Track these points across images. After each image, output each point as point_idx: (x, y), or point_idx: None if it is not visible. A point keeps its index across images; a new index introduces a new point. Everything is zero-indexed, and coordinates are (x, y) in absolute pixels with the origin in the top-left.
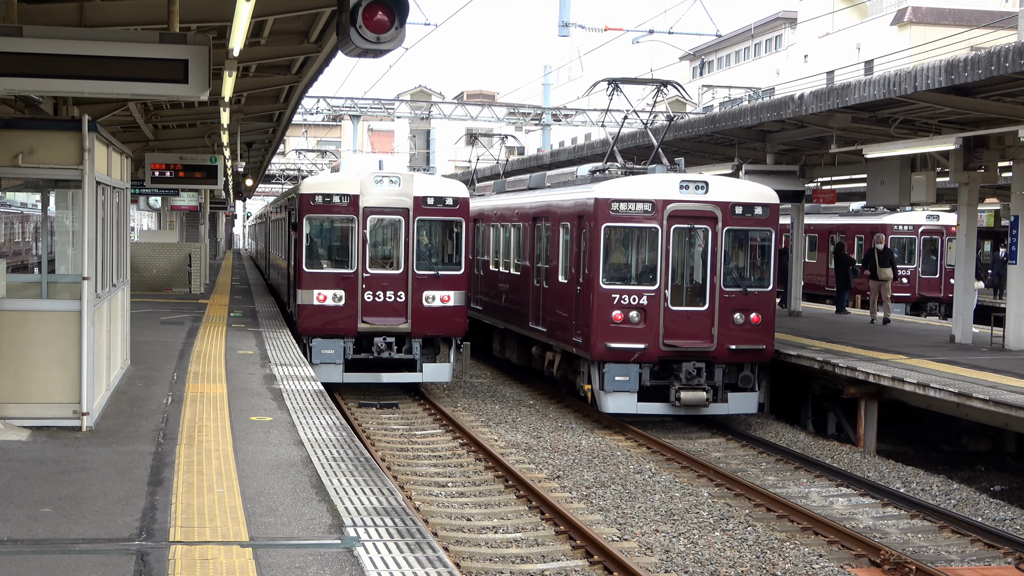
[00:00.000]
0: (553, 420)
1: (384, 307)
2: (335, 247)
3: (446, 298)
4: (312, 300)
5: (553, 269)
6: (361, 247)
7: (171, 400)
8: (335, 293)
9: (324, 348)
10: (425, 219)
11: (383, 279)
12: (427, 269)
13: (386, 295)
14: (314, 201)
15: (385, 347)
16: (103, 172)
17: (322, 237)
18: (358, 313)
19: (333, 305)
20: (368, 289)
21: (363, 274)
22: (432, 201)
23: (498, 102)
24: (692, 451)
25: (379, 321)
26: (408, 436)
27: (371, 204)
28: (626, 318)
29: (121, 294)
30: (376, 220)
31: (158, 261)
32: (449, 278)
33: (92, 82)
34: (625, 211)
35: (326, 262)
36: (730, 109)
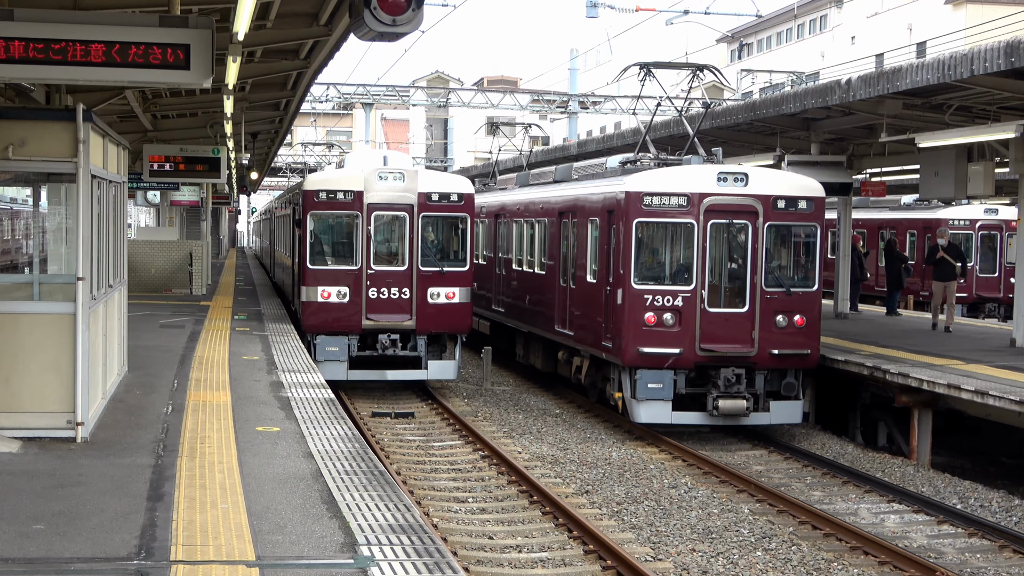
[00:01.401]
0: (581, 431)
1: (389, 304)
2: (339, 244)
3: (451, 295)
4: (316, 297)
5: (581, 268)
6: (365, 243)
7: (171, 409)
8: (339, 290)
9: (328, 345)
10: (430, 215)
11: (387, 276)
12: (432, 266)
13: (391, 292)
14: (318, 197)
15: (390, 344)
16: (98, 165)
17: (326, 233)
18: (362, 310)
19: (337, 302)
20: (372, 286)
21: (367, 271)
22: (437, 197)
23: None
24: (731, 464)
25: (383, 318)
26: (425, 448)
27: (375, 200)
28: (659, 320)
29: (118, 295)
30: (380, 216)
31: (157, 260)
32: (454, 275)
33: (88, 68)
34: (658, 205)
35: (330, 259)
36: (771, 95)
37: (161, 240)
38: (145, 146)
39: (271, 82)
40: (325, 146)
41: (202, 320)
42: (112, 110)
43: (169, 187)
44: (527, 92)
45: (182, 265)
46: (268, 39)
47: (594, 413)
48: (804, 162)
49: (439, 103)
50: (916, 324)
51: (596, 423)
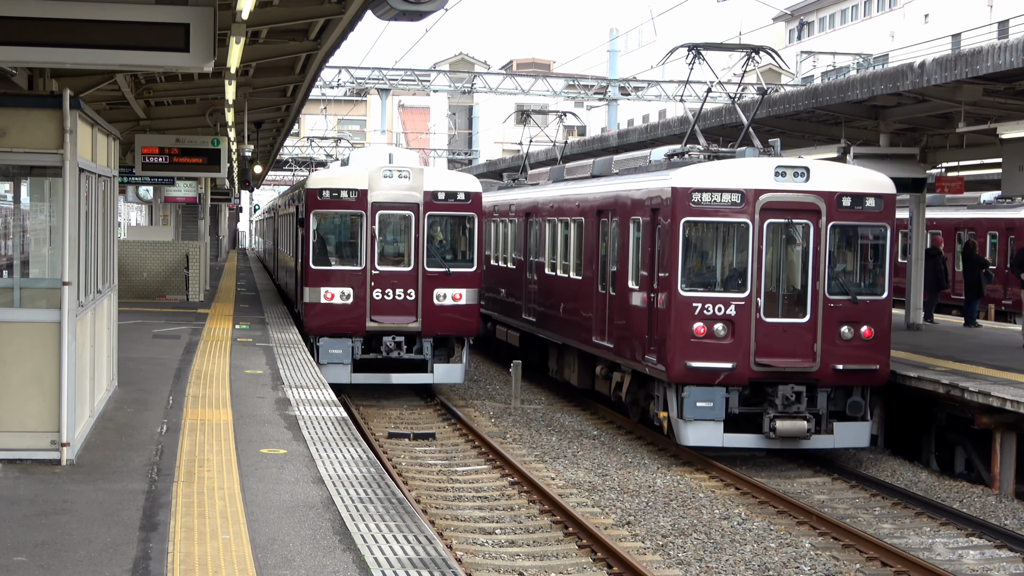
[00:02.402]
0: (621, 454)
1: (393, 305)
2: (343, 243)
3: (458, 296)
4: (319, 298)
5: (622, 273)
6: (370, 243)
7: (166, 428)
8: (343, 291)
9: (332, 348)
10: (436, 215)
11: (392, 277)
12: (438, 266)
13: (395, 293)
14: (321, 196)
15: (394, 347)
16: (86, 157)
17: (329, 233)
18: (367, 312)
19: (341, 303)
20: (377, 287)
21: (372, 271)
22: (443, 196)
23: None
24: (790, 493)
25: (388, 320)
26: (447, 473)
27: (380, 199)
28: (710, 332)
29: (107, 302)
30: (385, 216)
31: (149, 263)
32: (461, 276)
33: (76, 51)
34: (709, 203)
35: (333, 259)
36: (835, 80)
37: (154, 241)
38: (137, 136)
39: (277, 65)
40: (333, 140)
41: (200, 329)
42: (101, 96)
43: (163, 182)
44: (561, 76)
45: (177, 268)
46: (275, 18)
47: (636, 435)
48: (872, 155)
49: (463, 89)
50: (998, 336)
51: (638, 446)
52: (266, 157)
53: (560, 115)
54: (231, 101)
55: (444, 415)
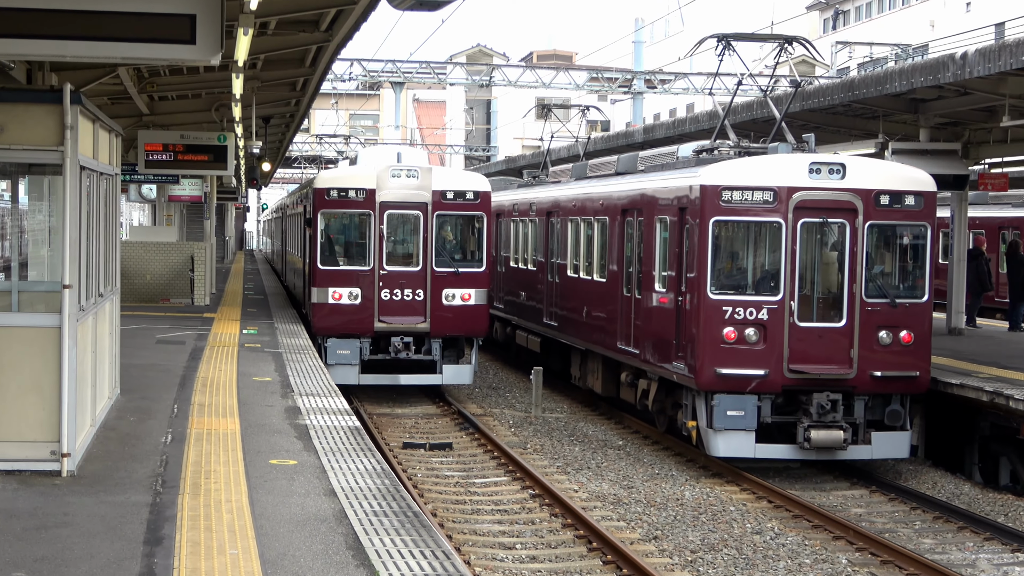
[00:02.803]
0: (648, 466)
1: (402, 306)
2: (351, 243)
3: (466, 296)
4: (327, 299)
5: (648, 275)
6: (378, 243)
7: (171, 438)
8: (351, 291)
9: (339, 348)
10: (445, 214)
11: (401, 277)
12: (447, 266)
13: (404, 293)
14: (329, 195)
15: (403, 347)
16: (88, 155)
17: (337, 233)
18: (375, 312)
19: (349, 304)
20: (385, 287)
21: (380, 271)
22: (452, 195)
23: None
24: (826, 506)
25: (396, 320)
26: (465, 485)
27: (388, 198)
28: (741, 337)
29: (109, 306)
30: (393, 215)
31: (153, 265)
32: (470, 276)
33: (76, 43)
34: (739, 201)
35: (342, 259)
36: (872, 72)
37: (158, 242)
38: (140, 132)
39: (287, 58)
40: (343, 139)
41: (205, 335)
42: (102, 91)
43: (167, 180)
44: (584, 69)
45: (182, 271)
46: (284, 8)
47: (663, 445)
48: (911, 150)
49: (481, 82)
50: None
51: (666, 457)
52: (275, 154)
53: (583, 109)
54: (238, 95)
55: (461, 424)
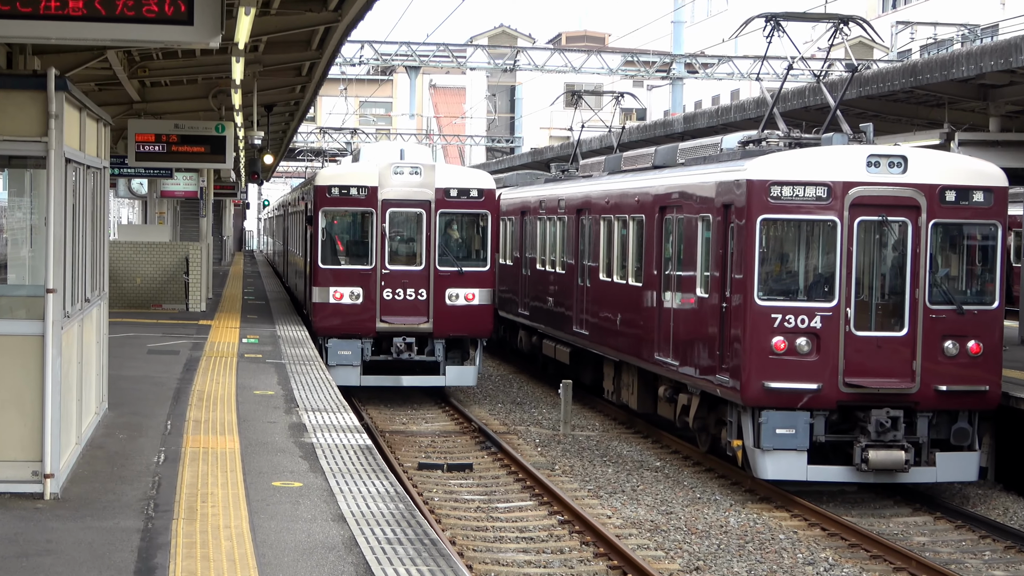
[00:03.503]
0: (688, 489)
1: (404, 306)
2: (352, 242)
3: (470, 296)
4: (328, 298)
5: (688, 279)
6: (380, 242)
7: (164, 458)
8: (352, 291)
9: (341, 349)
10: (448, 212)
11: (403, 276)
12: (450, 265)
13: (406, 293)
14: (330, 193)
15: (405, 348)
16: (74, 146)
17: (339, 231)
18: (376, 312)
19: (350, 303)
20: (387, 287)
21: (382, 270)
22: (456, 193)
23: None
24: (885, 534)
25: (399, 320)
26: (487, 510)
27: (390, 196)
28: (791, 347)
29: (96, 312)
30: (396, 213)
31: (144, 267)
32: (474, 275)
33: (61, 23)
34: (790, 197)
35: (343, 258)
36: (936, 55)
37: (149, 242)
38: (130, 121)
39: (291, 40)
40: (348, 131)
41: (201, 344)
42: (89, 76)
43: (160, 174)
44: (618, 52)
45: (176, 274)
46: None
47: (705, 466)
48: (980, 141)
49: (504, 66)
50: None
51: (708, 479)
52: (277, 145)
53: (616, 96)
54: (239, 81)
55: (482, 442)
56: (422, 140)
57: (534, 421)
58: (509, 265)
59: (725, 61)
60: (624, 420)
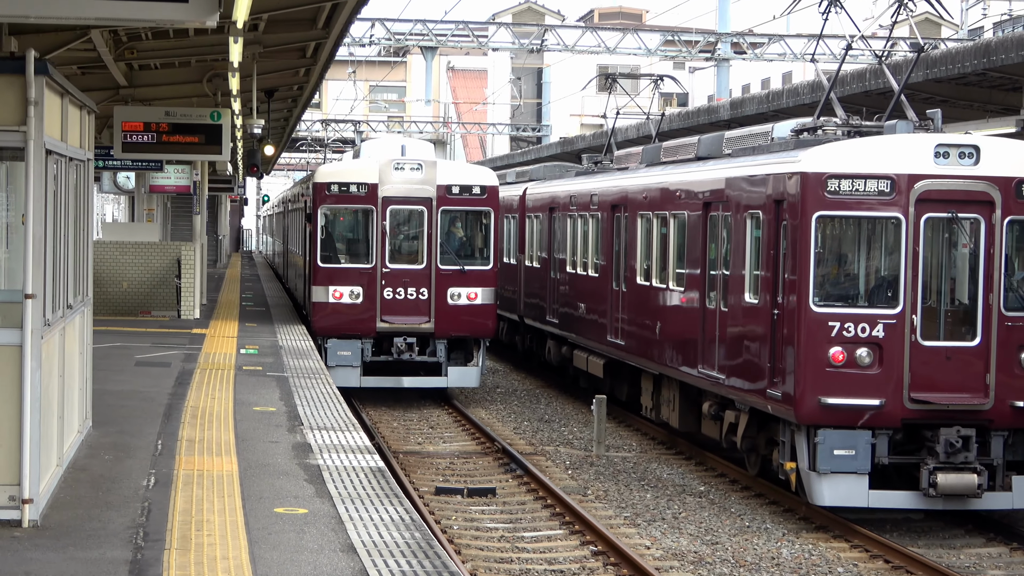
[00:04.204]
0: (736, 516)
1: (405, 305)
2: (352, 240)
3: (473, 296)
4: (327, 297)
5: (736, 283)
6: (380, 240)
7: (154, 481)
8: (352, 290)
9: (340, 350)
10: (450, 209)
11: (404, 275)
12: (452, 264)
13: (407, 292)
14: (329, 190)
15: (406, 348)
16: (55, 136)
17: (338, 229)
18: (377, 312)
19: (350, 303)
20: (388, 286)
21: (382, 269)
22: (458, 190)
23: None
24: (956, 567)
25: (399, 320)
26: (512, 540)
27: (391, 193)
28: (851, 358)
29: (80, 320)
30: (396, 211)
31: (131, 270)
32: (476, 274)
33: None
34: (849, 192)
35: (343, 256)
36: (1012, 33)
37: (136, 242)
38: (116, 109)
39: (295, 18)
40: (353, 124)
41: (195, 355)
42: (71, 58)
43: (149, 166)
44: (656, 30)
45: (166, 277)
46: None
47: (755, 491)
48: None
49: (530, 47)
50: None
51: (758, 505)
52: (279, 135)
53: (655, 80)
54: (236, 64)
55: (507, 464)
56: (439, 128)
57: (564, 441)
58: (536, 268)
59: (776, 40)
60: (664, 440)
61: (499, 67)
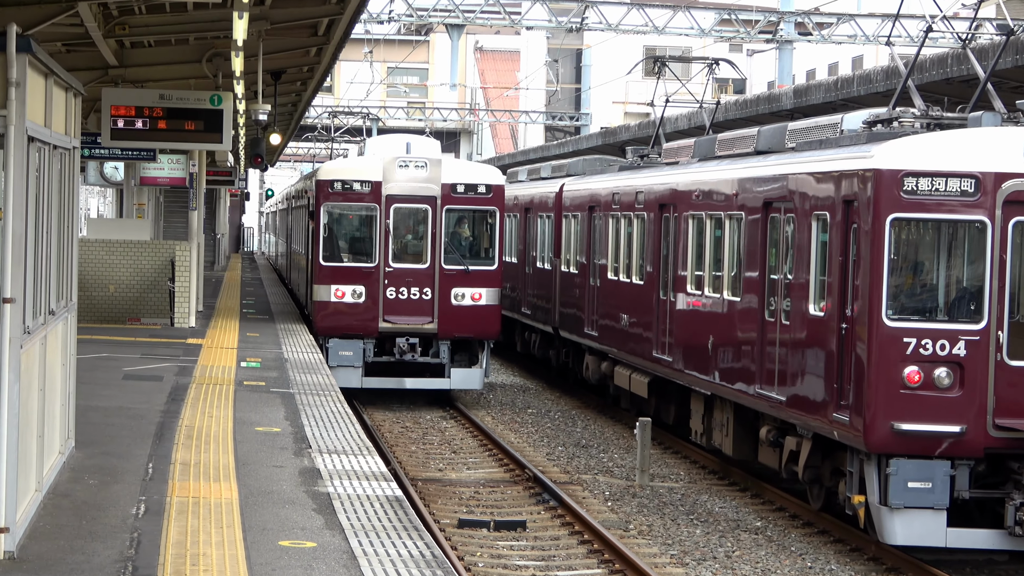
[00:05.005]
0: (796, 556)
1: (408, 305)
2: (355, 239)
3: (477, 296)
4: (329, 296)
5: (799, 293)
6: (383, 239)
7: (144, 510)
8: (354, 289)
9: (342, 350)
10: (455, 208)
11: (407, 274)
12: (456, 264)
13: (410, 292)
14: (332, 188)
15: (408, 349)
16: (38, 121)
17: (341, 228)
18: (379, 311)
19: (352, 302)
20: (391, 285)
21: (385, 268)
22: (463, 188)
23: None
24: None
25: (402, 320)
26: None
27: (395, 192)
28: (928, 379)
29: (63, 328)
30: (400, 209)
31: (119, 271)
32: (481, 274)
33: None
34: (928, 192)
35: (345, 255)
36: None
37: (125, 240)
38: (105, 91)
39: None
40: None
41: (190, 368)
42: (55, 34)
43: (141, 156)
44: (711, 7)
45: (158, 280)
46: None
47: (818, 528)
48: None
49: (569, 25)
50: None
51: (821, 544)
52: (287, 122)
53: (709, 64)
54: (240, 42)
55: (538, 495)
56: (464, 116)
57: (603, 468)
58: (573, 274)
59: (846, 21)
60: (716, 469)
61: (533, 48)
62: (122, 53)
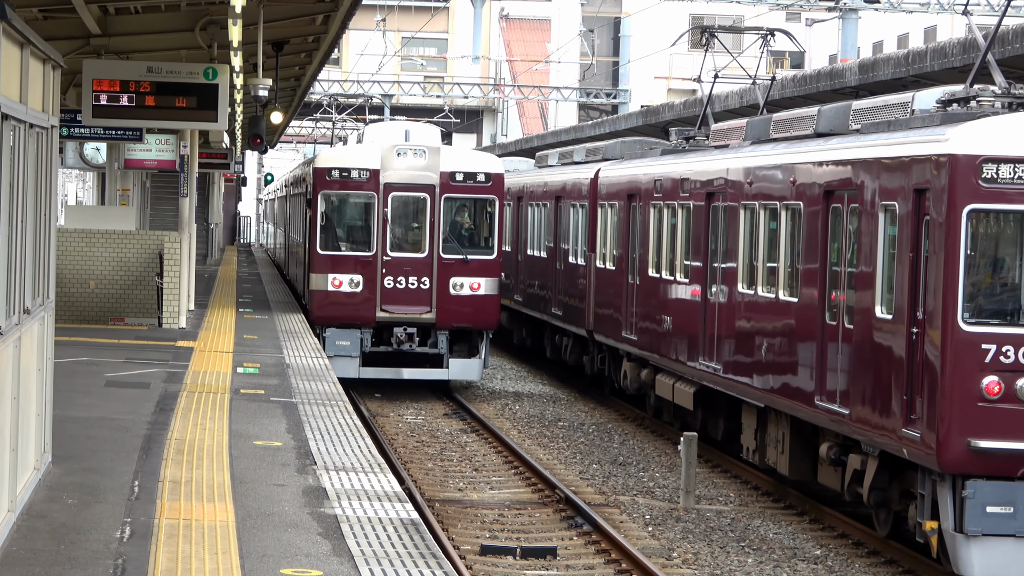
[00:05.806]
0: None
1: (406, 294)
2: (352, 227)
3: (476, 286)
4: (326, 285)
5: (864, 294)
6: (381, 227)
7: (130, 533)
8: (351, 278)
9: (339, 339)
10: (453, 197)
11: (405, 263)
12: (455, 253)
13: (408, 281)
14: (330, 176)
15: (406, 338)
16: (13, 97)
17: (339, 216)
18: (376, 301)
19: (349, 291)
20: (388, 274)
21: (383, 257)
22: (462, 177)
23: None
24: None
25: (400, 310)
26: None
27: (393, 180)
28: (1010, 391)
29: (39, 329)
30: (398, 198)
31: (100, 265)
32: (480, 263)
33: None
34: (1010, 180)
35: (343, 244)
36: None
37: (107, 230)
38: (86, 63)
39: None
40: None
41: (181, 374)
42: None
43: (125, 136)
44: None
45: (145, 275)
46: None
47: (885, 557)
48: None
49: None
50: None
51: (889, 575)
52: (289, 99)
53: (764, 35)
54: (238, 9)
55: (570, 518)
56: (488, 92)
57: (643, 489)
58: (610, 270)
59: None
60: (770, 490)
61: (566, 16)
62: (105, 20)
